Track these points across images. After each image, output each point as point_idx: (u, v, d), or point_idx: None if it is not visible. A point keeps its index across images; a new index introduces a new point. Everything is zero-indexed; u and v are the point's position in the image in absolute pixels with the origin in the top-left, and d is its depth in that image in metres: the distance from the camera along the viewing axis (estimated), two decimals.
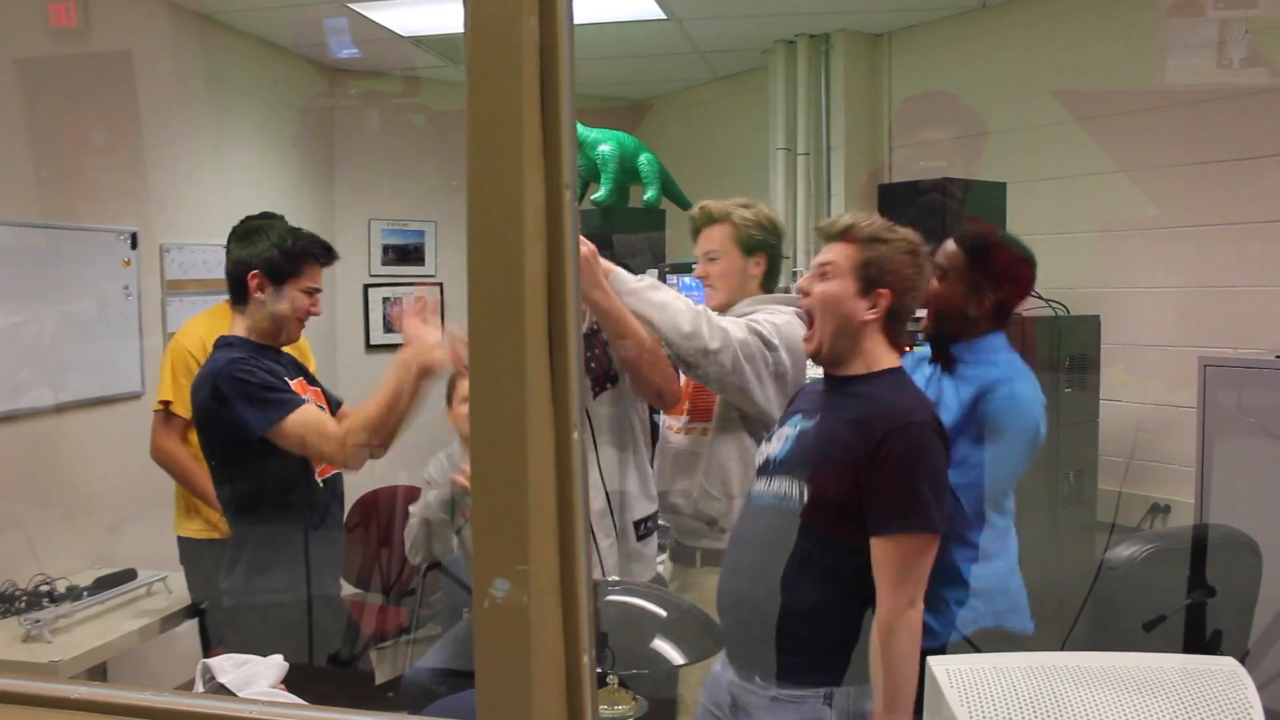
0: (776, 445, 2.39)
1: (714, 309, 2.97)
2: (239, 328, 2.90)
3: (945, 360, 2.63)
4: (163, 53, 4.60)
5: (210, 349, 2.97)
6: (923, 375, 2.66)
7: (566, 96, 0.84)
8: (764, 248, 3.06)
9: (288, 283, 2.87)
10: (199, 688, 1.73)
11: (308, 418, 2.72)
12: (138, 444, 3.64)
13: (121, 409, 4.22)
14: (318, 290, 2.96)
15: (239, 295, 2.89)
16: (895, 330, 2.32)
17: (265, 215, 2.98)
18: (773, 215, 3.13)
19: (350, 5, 4.84)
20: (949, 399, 2.54)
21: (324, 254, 2.96)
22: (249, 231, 2.90)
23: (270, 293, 2.86)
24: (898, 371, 2.33)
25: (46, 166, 4.01)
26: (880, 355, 2.30)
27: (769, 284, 3.12)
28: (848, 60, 5.35)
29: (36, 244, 3.92)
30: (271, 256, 2.84)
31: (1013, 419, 2.51)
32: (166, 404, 3.51)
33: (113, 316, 4.20)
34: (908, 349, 2.58)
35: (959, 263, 2.62)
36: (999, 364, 2.57)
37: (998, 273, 2.60)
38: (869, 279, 2.27)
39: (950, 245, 2.66)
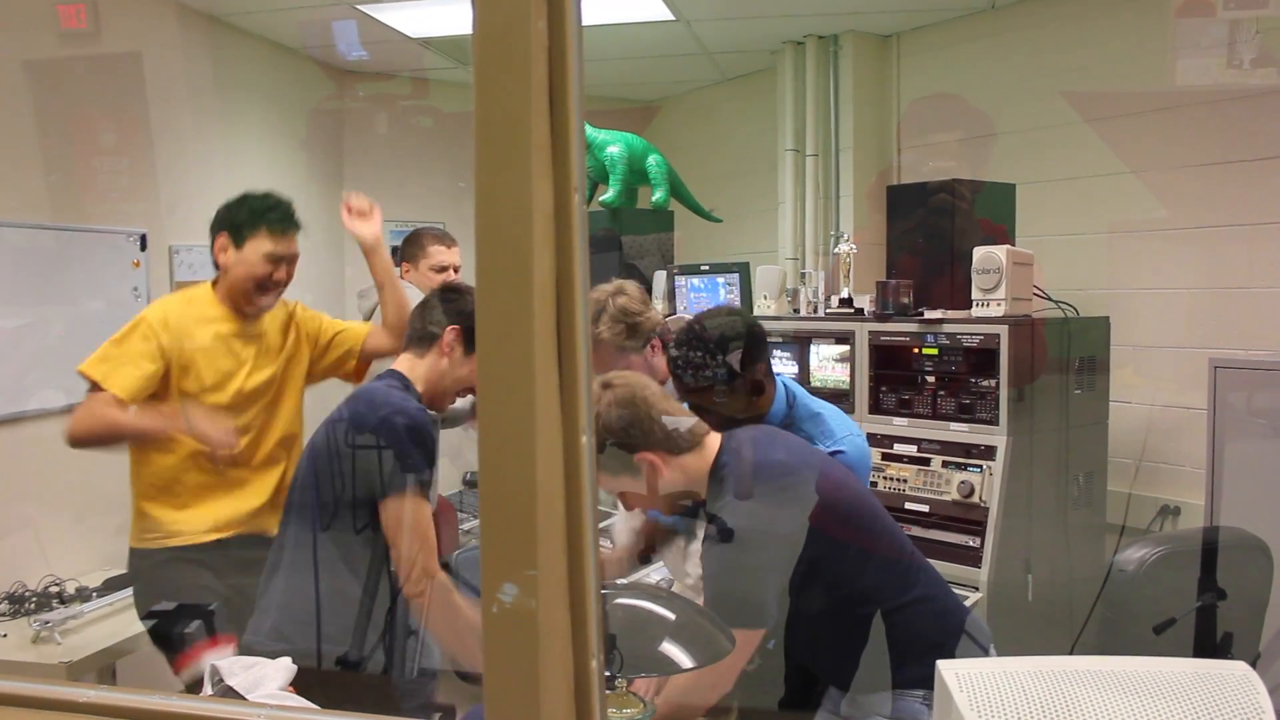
0: None
1: None
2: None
3: None
4: (172, 55, 4.61)
5: (176, 334, 2.89)
6: None
7: (575, 99, 0.83)
8: (645, 334, 3.03)
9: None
10: (207, 689, 1.73)
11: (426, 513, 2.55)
12: None
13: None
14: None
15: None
16: None
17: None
18: (629, 304, 3.05)
19: (359, 7, 4.85)
20: None
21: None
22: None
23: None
24: None
25: (56, 168, 4.01)
26: None
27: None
28: (856, 61, 5.35)
29: (46, 245, 3.93)
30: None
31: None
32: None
33: (122, 318, 4.15)
34: None
35: (687, 391, 2.66)
36: (814, 438, 2.65)
37: (720, 377, 2.63)
38: None
39: (675, 384, 2.70)
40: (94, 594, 3.53)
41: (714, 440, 2.33)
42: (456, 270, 3.89)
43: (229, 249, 2.94)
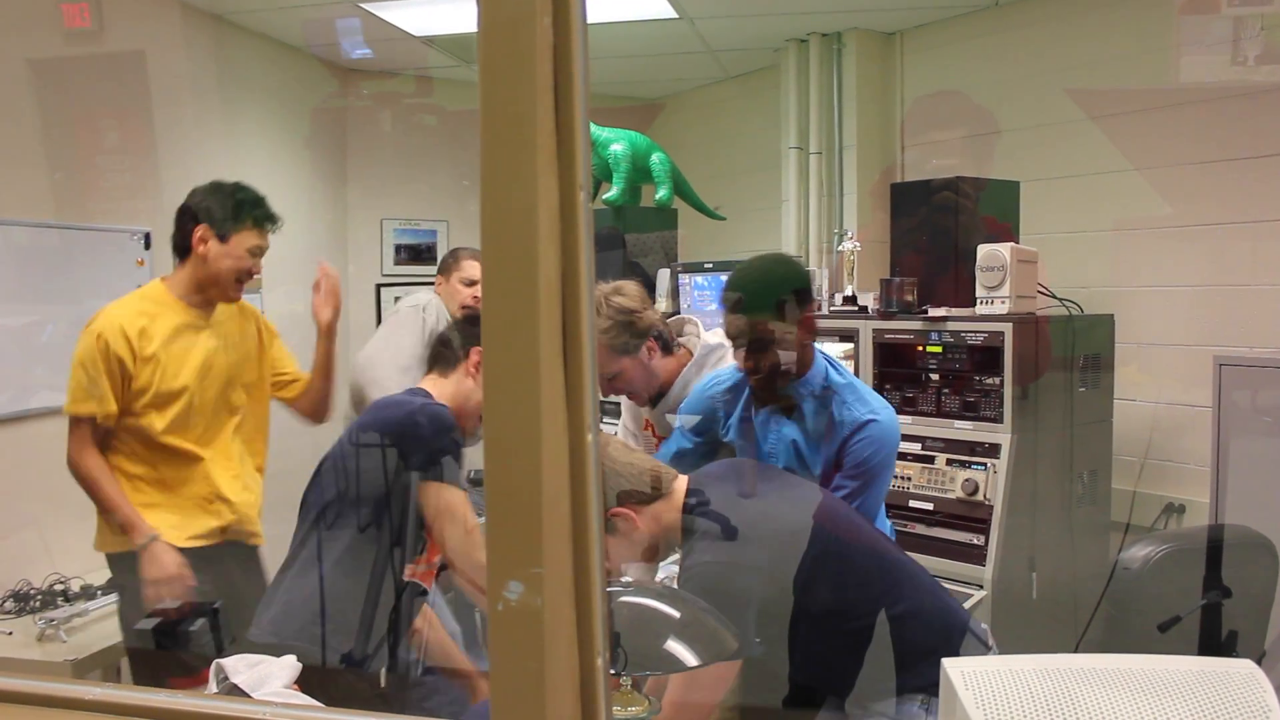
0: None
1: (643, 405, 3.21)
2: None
3: (786, 409, 2.72)
4: (176, 53, 4.61)
5: (132, 340, 2.87)
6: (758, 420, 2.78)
7: (580, 96, 0.83)
8: (640, 334, 3.06)
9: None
10: (212, 688, 1.73)
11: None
12: None
13: None
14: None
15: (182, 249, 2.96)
16: None
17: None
18: (626, 302, 3.07)
19: (362, 5, 4.85)
20: (801, 439, 2.68)
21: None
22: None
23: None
24: None
25: (60, 167, 4.01)
26: None
27: (667, 345, 3.17)
28: (860, 59, 5.34)
29: (50, 244, 3.93)
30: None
31: (881, 453, 2.62)
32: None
33: None
34: None
35: (741, 327, 2.65)
36: (849, 403, 2.65)
37: (777, 312, 2.63)
38: None
39: (729, 317, 2.70)
40: (99, 592, 3.53)
41: (681, 484, 2.33)
42: None
43: (210, 240, 2.94)
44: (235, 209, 2.95)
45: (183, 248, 2.98)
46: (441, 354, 2.73)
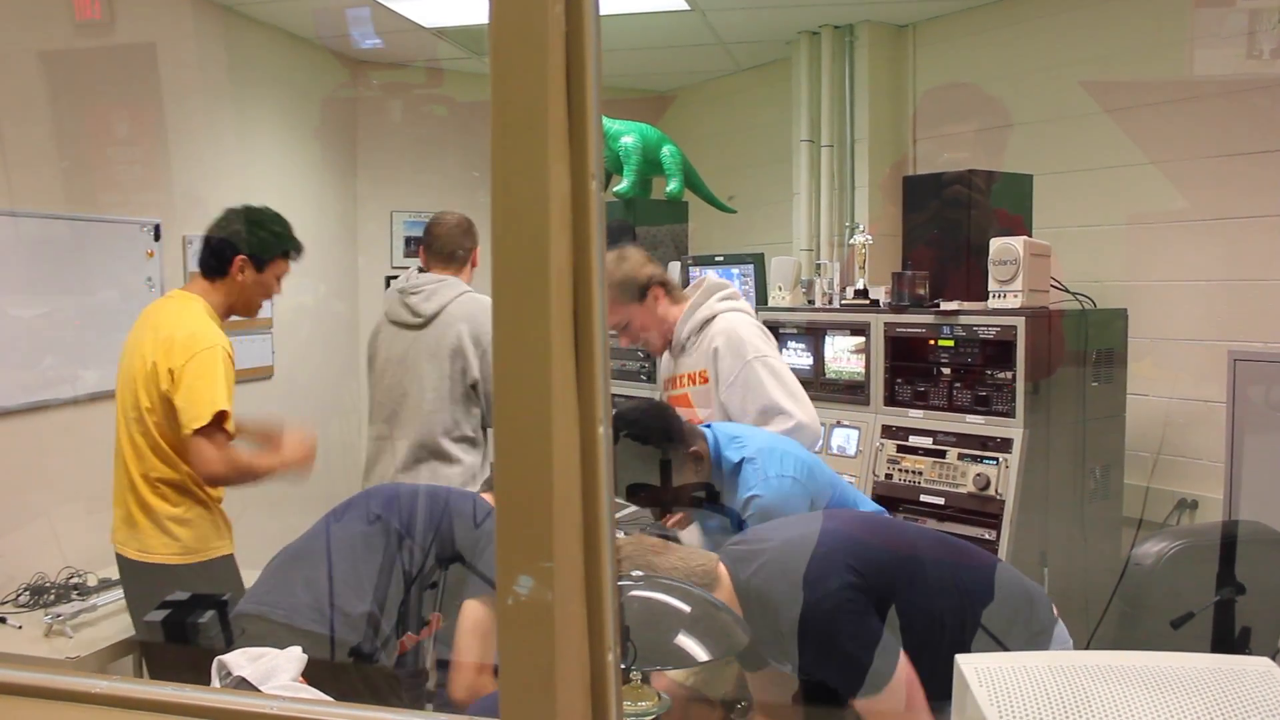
0: None
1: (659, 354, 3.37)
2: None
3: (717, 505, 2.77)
4: (186, 44, 4.61)
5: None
6: None
7: (592, 85, 0.82)
8: (642, 282, 3.21)
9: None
10: (215, 684, 1.72)
11: None
12: None
13: None
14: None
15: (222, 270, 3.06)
16: None
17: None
18: (625, 251, 3.26)
19: None
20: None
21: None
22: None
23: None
24: None
25: (70, 158, 4.02)
26: None
27: (675, 293, 3.31)
28: (872, 51, 5.32)
29: (61, 235, 3.93)
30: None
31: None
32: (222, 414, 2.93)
33: (136, 308, 4.17)
34: None
35: (654, 501, 2.73)
36: (740, 480, 2.68)
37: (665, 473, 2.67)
38: None
39: (639, 499, 2.78)
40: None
41: (723, 570, 2.19)
42: None
43: (248, 269, 3.07)
44: (273, 242, 3.09)
45: (218, 270, 3.07)
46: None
